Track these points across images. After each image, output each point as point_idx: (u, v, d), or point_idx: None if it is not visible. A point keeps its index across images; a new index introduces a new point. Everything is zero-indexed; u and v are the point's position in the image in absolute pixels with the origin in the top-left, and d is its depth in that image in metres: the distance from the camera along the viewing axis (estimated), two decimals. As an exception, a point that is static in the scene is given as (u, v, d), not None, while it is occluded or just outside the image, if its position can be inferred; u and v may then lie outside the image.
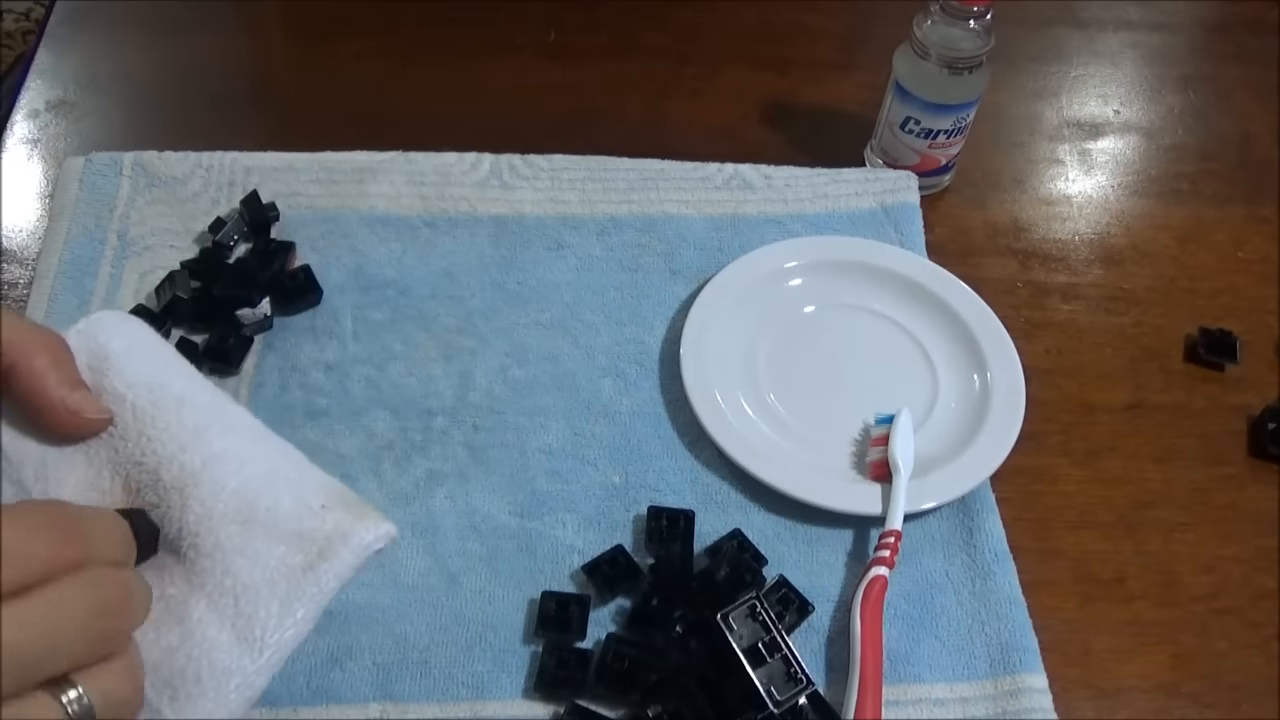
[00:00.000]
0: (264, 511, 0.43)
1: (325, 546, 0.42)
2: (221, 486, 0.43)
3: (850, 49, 0.84)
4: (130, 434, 0.43)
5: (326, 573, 0.42)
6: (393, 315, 0.62)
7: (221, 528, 0.42)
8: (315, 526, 0.43)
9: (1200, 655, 0.53)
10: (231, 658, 0.40)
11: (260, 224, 0.64)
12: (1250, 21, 0.90)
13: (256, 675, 0.41)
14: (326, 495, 0.44)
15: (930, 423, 0.59)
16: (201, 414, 0.44)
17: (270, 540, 0.42)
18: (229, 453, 0.44)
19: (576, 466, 0.56)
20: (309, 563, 0.42)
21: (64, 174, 0.66)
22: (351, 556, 0.43)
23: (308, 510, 0.43)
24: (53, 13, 0.79)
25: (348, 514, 0.44)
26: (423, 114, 0.75)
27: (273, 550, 0.42)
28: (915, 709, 0.49)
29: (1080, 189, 0.75)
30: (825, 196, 0.70)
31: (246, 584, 0.41)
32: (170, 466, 0.43)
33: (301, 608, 0.41)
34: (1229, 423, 0.62)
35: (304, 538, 0.42)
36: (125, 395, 0.44)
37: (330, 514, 0.43)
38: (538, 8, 0.84)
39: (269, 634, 0.41)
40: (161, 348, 0.47)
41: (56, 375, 0.42)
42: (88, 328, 0.45)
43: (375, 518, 0.44)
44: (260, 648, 0.41)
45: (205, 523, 0.42)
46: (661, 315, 0.63)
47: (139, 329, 0.46)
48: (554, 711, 0.48)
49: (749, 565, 0.51)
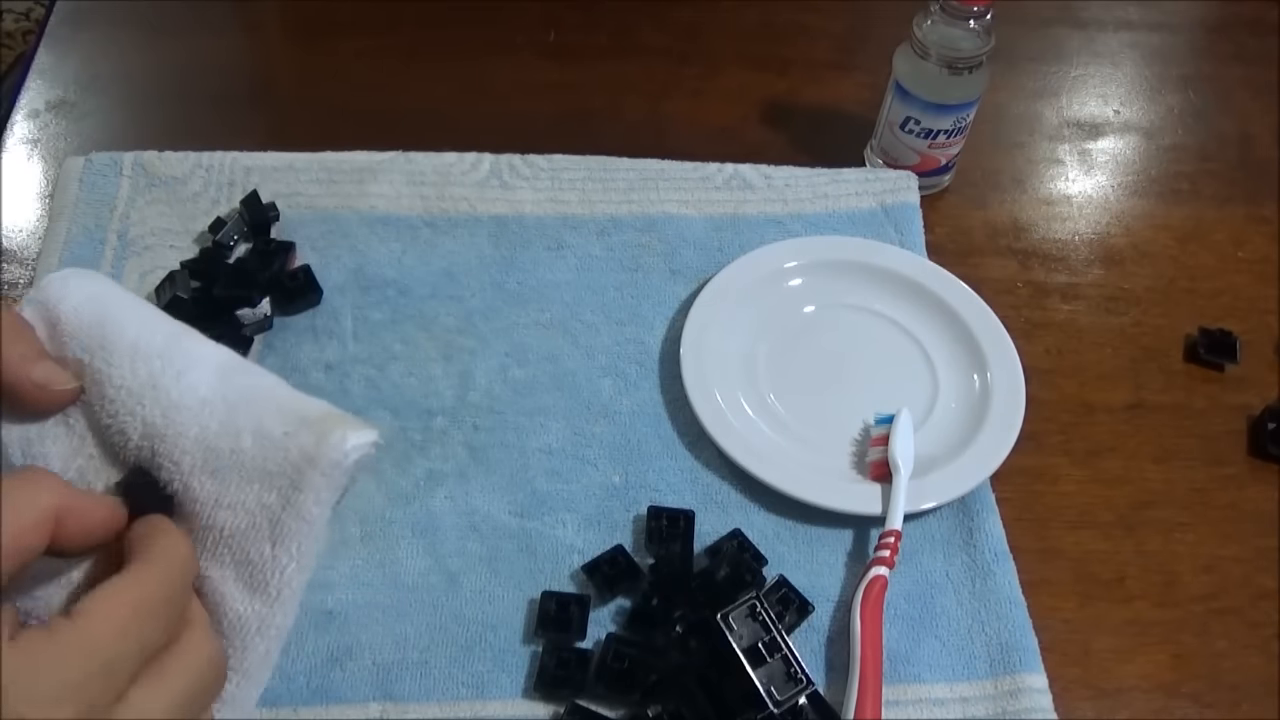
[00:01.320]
0: (229, 455, 0.41)
1: (296, 477, 0.40)
2: (183, 436, 0.41)
3: (850, 49, 0.84)
4: (94, 397, 0.42)
5: (304, 503, 0.40)
6: (393, 315, 0.62)
7: (194, 480, 0.41)
8: (281, 458, 0.41)
9: (1200, 655, 0.53)
10: (243, 605, 0.40)
11: (260, 224, 0.64)
12: (1250, 21, 0.90)
13: (274, 615, 0.40)
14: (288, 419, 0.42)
15: (930, 423, 0.59)
16: (154, 359, 0.42)
17: (242, 484, 0.41)
18: (186, 397, 0.42)
19: (576, 466, 0.56)
20: (284, 498, 0.40)
21: (64, 174, 0.66)
22: (324, 479, 0.41)
23: (271, 442, 0.41)
24: (53, 13, 0.79)
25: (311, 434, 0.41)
26: (423, 114, 0.75)
27: (247, 493, 0.41)
28: (915, 709, 0.49)
29: (1080, 189, 0.75)
30: (825, 196, 0.70)
31: (234, 533, 0.40)
32: (134, 423, 0.41)
33: (294, 543, 0.40)
34: (1229, 423, 0.62)
35: (272, 473, 0.41)
36: (83, 359, 0.42)
37: (293, 440, 0.41)
38: (538, 8, 0.84)
39: (271, 576, 0.40)
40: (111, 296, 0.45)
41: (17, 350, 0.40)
42: (38, 295, 0.43)
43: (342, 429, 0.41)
44: (267, 590, 0.40)
45: (178, 478, 0.41)
46: (661, 315, 0.63)
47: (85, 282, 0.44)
48: (554, 711, 0.48)
49: (749, 565, 0.51)
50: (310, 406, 0.43)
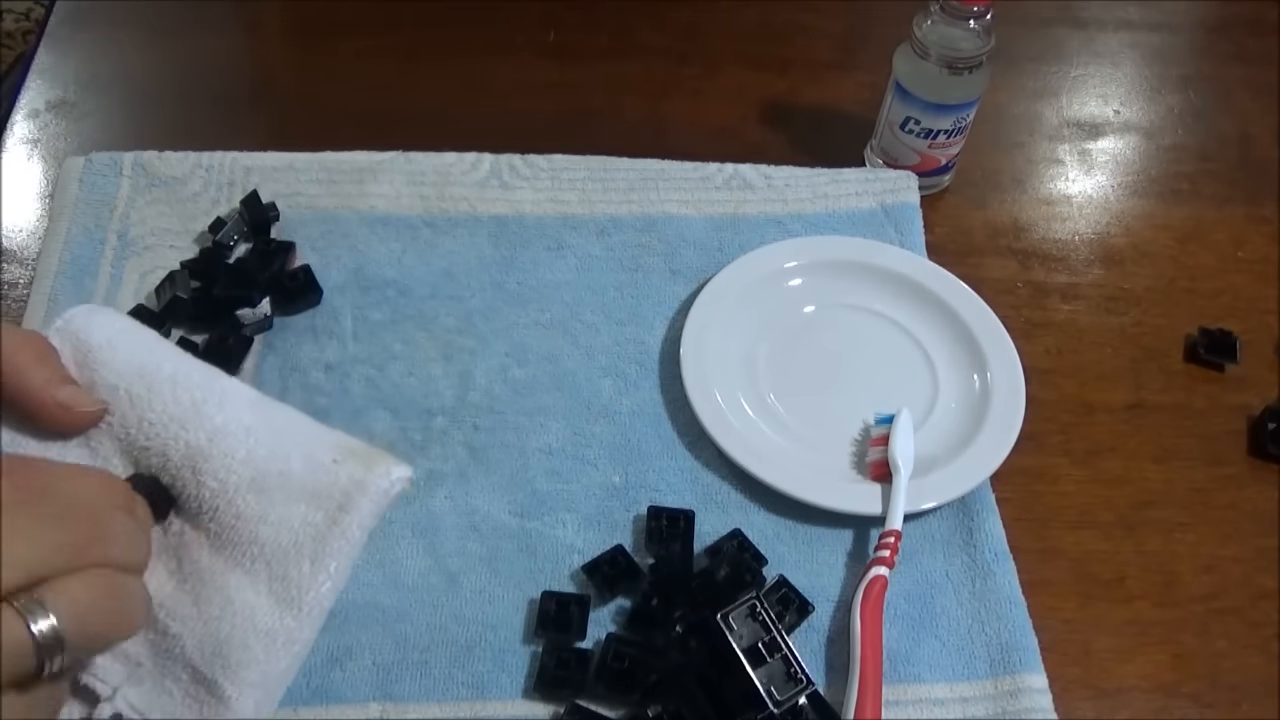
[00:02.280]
0: (277, 475, 0.43)
1: (344, 500, 0.43)
2: (230, 457, 0.43)
3: (850, 49, 0.84)
4: (130, 421, 0.43)
5: (350, 525, 0.42)
6: (393, 315, 0.62)
7: (239, 497, 0.42)
8: (330, 481, 0.43)
9: (1200, 655, 0.53)
10: (274, 619, 0.41)
11: (260, 224, 0.64)
12: (1250, 21, 0.90)
13: (301, 631, 0.41)
14: (335, 449, 0.44)
15: (930, 423, 0.59)
16: (197, 390, 0.44)
17: (289, 502, 0.43)
18: (231, 424, 0.44)
19: (576, 466, 0.56)
20: (331, 518, 0.42)
21: (64, 174, 0.66)
22: (370, 505, 0.43)
23: (320, 467, 0.43)
24: (53, 13, 0.79)
25: (360, 464, 0.44)
26: (423, 114, 0.75)
27: (293, 511, 0.42)
28: (915, 709, 0.49)
29: (1080, 189, 0.75)
30: (825, 196, 0.70)
31: (274, 548, 0.42)
32: (176, 445, 0.43)
33: (333, 561, 0.42)
34: (1229, 423, 0.62)
35: (321, 494, 0.43)
36: (118, 385, 0.44)
37: (342, 467, 0.43)
38: (538, 8, 0.84)
39: (305, 592, 0.42)
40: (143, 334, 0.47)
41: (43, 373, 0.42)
42: (66, 325, 0.45)
43: (387, 463, 0.44)
44: (299, 605, 0.41)
45: (222, 495, 0.42)
46: (661, 315, 0.63)
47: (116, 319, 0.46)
48: (554, 711, 0.48)
49: (749, 565, 0.51)
50: (353, 441, 0.45)
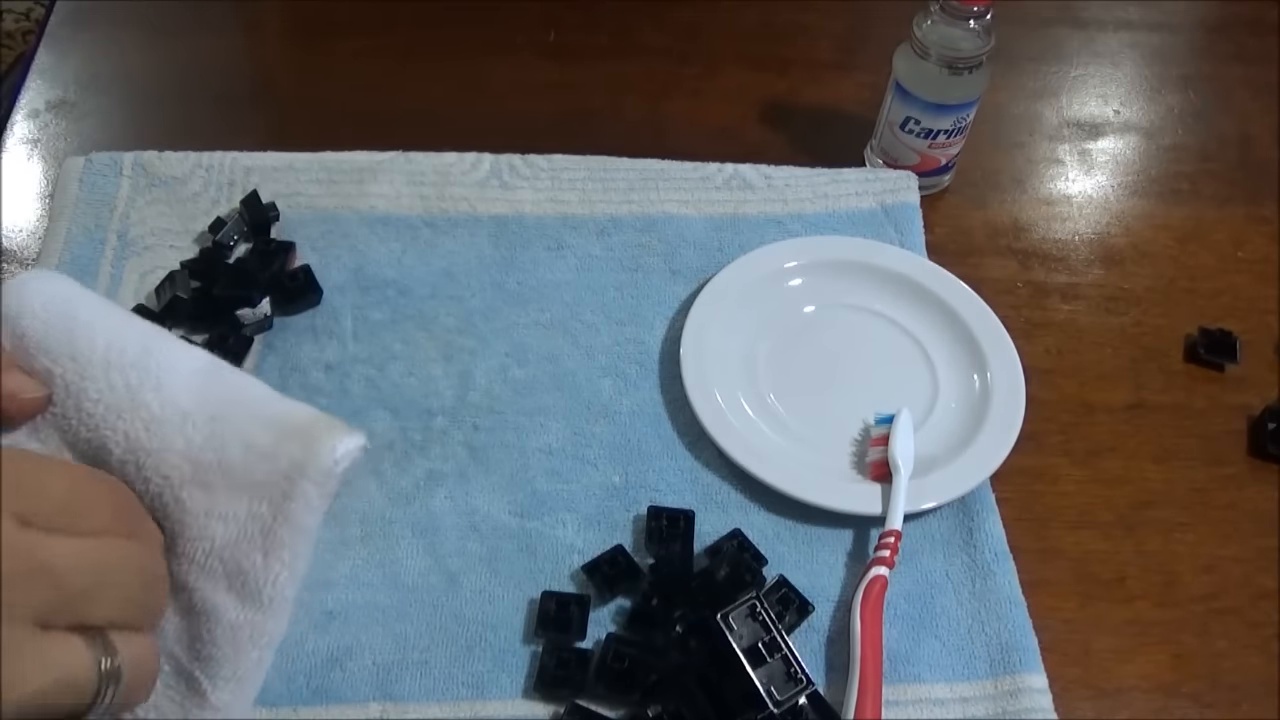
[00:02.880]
0: (216, 467, 0.41)
1: (286, 486, 0.41)
2: (169, 450, 0.41)
3: (850, 49, 0.84)
4: (69, 409, 0.42)
5: (295, 512, 0.41)
6: (393, 315, 0.62)
7: (183, 492, 0.41)
8: (270, 469, 0.41)
9: (1200, 655, 0.53)
10: (237, 613, 0.40)
11: (260, 224, 0.64)
12: (1250, 21, 0.90)
13: (266, 623, 0.41)
14: (275, 428, 0.42)
15: (930, 423, 0.59)
16: (131, 371, 0.42)
17: (232, 495, 0.41)
18: (168, 409, 0.42)
19: (576, 466, 0.56)
20: (275, 508, 0.41)
21: (64, 174, 0.66)
22: (315, 487, 0.41)
23: (258, 454, 0.41)
24: (53, 13, 0.79)
25: (298, 446, 0.42)
26: (423, 114, 0.75)
27: (237, 504, 0.41)
28: (915, 709, 0.49)
29: (1080, 189, 0.75)
30: (825, 196, 0.70)
31: (225, 542, 0.41)
32: (115, 436, 0.41)
33: (285, 551, 0.41)
34: (1229, 423, 0.62)
35: (262, 483, 0.41)
36: (52, 370, 0.42)
37: (282, 449, 0.42)
38: (537, 8, 0.84)
39: (263, 586, 0.41)
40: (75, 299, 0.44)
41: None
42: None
43: (328, 438, 0.42)
44: (258, 599, 0.41)
45: (168, 490, 0.41)
46: (661, 315, 0.63)
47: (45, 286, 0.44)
48: (554, 711, 0.48)
49: (749, 565, 0.51)
50: (295, 413, 0.43)
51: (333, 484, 0.42)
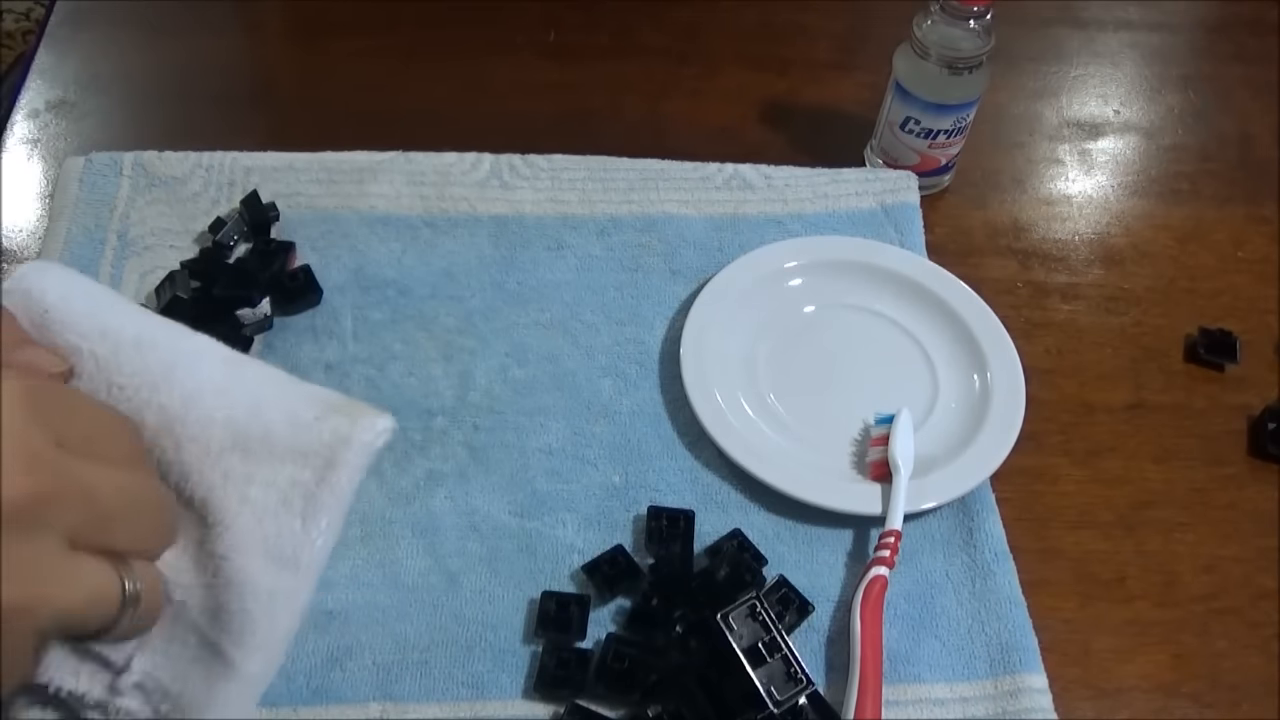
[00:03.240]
0: (260, 436, 0.42)
1: (330, 455, 0.42)
2: (210, 420, 0.42)
3: (850, 49, 0.84)
4: (98, 384, 0.42)
5: (339, 480, 0.42)
6: (393, 315, 0.62)
7: (223, 460, 0.42)
8: (314, 438, 0.42)
9: (1200, 655, 0.53)
10: (271, 579, 0.41)
11: (260, 224, 0.64)
12: (1250, 21, 0.90)
13: (299, 589, 0.41)
14: (316, 405, 0.44)
15: (930, 423, 0.59)
16: (165, 351, 0.43)
17: (274, 462, 0.42)
18: (206, 385, 0.43)
19: (576, 466, 0.56)
20: (319, 475, 0.42)
21: (64, 174, 0.66)
22: (357, 459, 0.43)
23: (302, 425, 0.43)
24: (53, 13, 0.79)
25: (343, 419, 0.43)
26: (423, 114, 0.75)
27: (279, 471, 0.42)
28: (915, 709, 0.49)
29: (1080, 189, 0.75)
30: (825, 196, 0.70)
31: (264, 508, 0.41)
32: (150, 409, 0.42)
33: (324, 518, 0.42)
34: (1229, 423, 0.62)
35: (307, 452, 0.42)
36: (80, 345, 0.42)
37: (325, 423, 0.43)
38: (538, 8, 0.84)
39: (301, 550, 0.41)
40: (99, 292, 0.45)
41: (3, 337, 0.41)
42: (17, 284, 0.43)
43: (370, 415, 0.44)
44: (294, 565, 0.41)
45: (205, 459, 0.42)
46: (661, 315, 0.63)
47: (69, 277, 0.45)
48: (554, 711, 0.48)
49: (749, 565, 0.51)
50: (331, 394, 0.45)
51: (370, 458, 0.43)
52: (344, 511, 0.43)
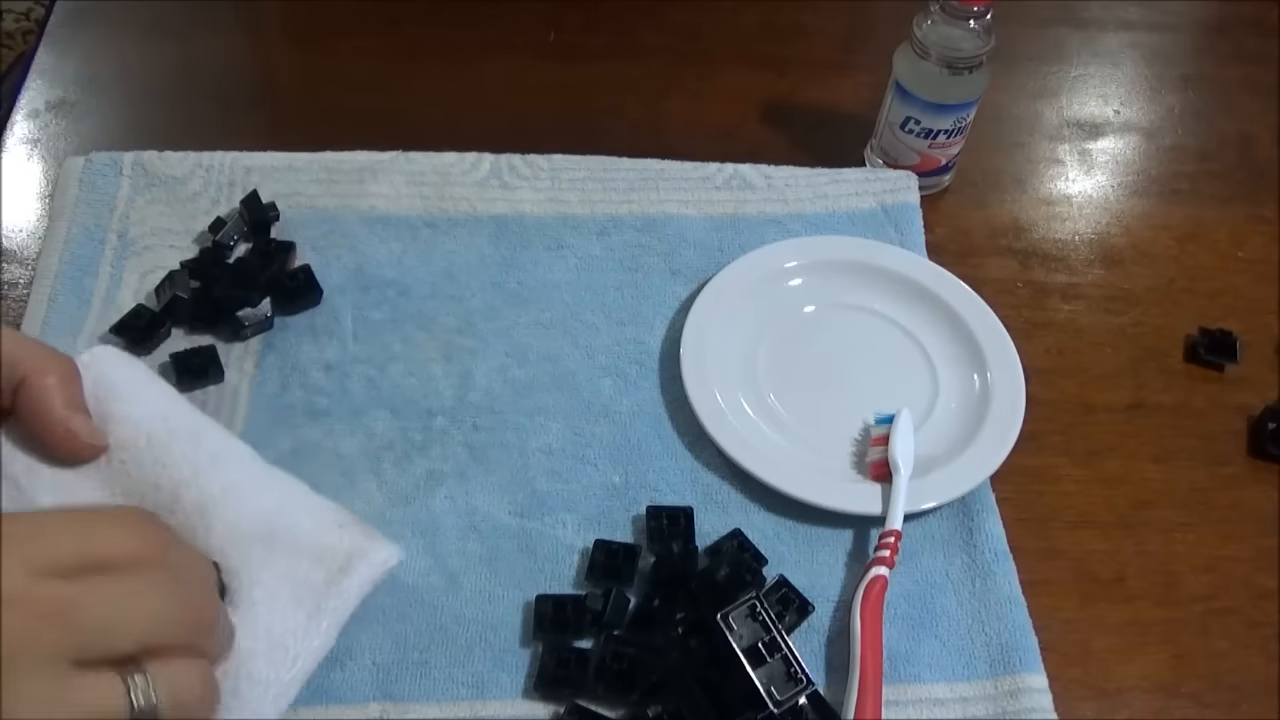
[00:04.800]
0: (285, 531, 0.45)
1: (345, 563, 0.45)
2: (242, 508, 0.45)
3: (850, 49, 0.84)
4: (145, 460, 0.45)
5: (348, 587, 0.45)
6: (393, 315, 0.62)
7: (247, 546, 0.44)
8: (335, 543, 0.46)
9: (1200, 655, 0.53)
10: (266, 668, 0.42)
11: (260, 224, 0.64)
12: (1250, 21, 0.90)
13: (290, 685, 0.43)
14: (340, 515, 0.47)
15: (930, 423, 0.59)
16: (213, 444, 0.47)
17: (293, 557, 0.45)
18: (245, 480, 0.46)
19: (576, 466, 0.56)
20: (331, 577, 0.45)
21: (64, 174, 0.66)
22: (369, 571, 0.46)
23: (326, 529, 0.46)
24: (53, 13, 0.79)
25: (362, 533, 0.47)
26: (423, 114, 0.75)
27: (297, 566, 0.45)
28: (915, 709, 0.49)
29: (1080, 189, 0.75)
30: (825, 196, 0.70)
31: (274, 597, 0.44)
32: (190, 490, 0.45)
33: (325, 620, 0.44)
34: (1229, 423, 0.62)
35: (325, 554, 0.45)
36: (139, 422, 0.46)
37: (348, 532, 0.46)
38: (538, 8, 0.84)
39: (299, 644, 0.43)
40: (162, 385, 0.49)
41: (63, 396, 0.44)
42: (94, 359, 0.47)
43: (384, 539, 0.47)
44: (291, 658, 0.43)
45: (231, 543, 0.44)
46: (661, 315, 0.63)
47: (138, 365, 0.49)
48: (554, 711, 0.48)
49: (749, 565, 0.51)
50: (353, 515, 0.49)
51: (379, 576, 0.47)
52: (343, 619, 0.45)
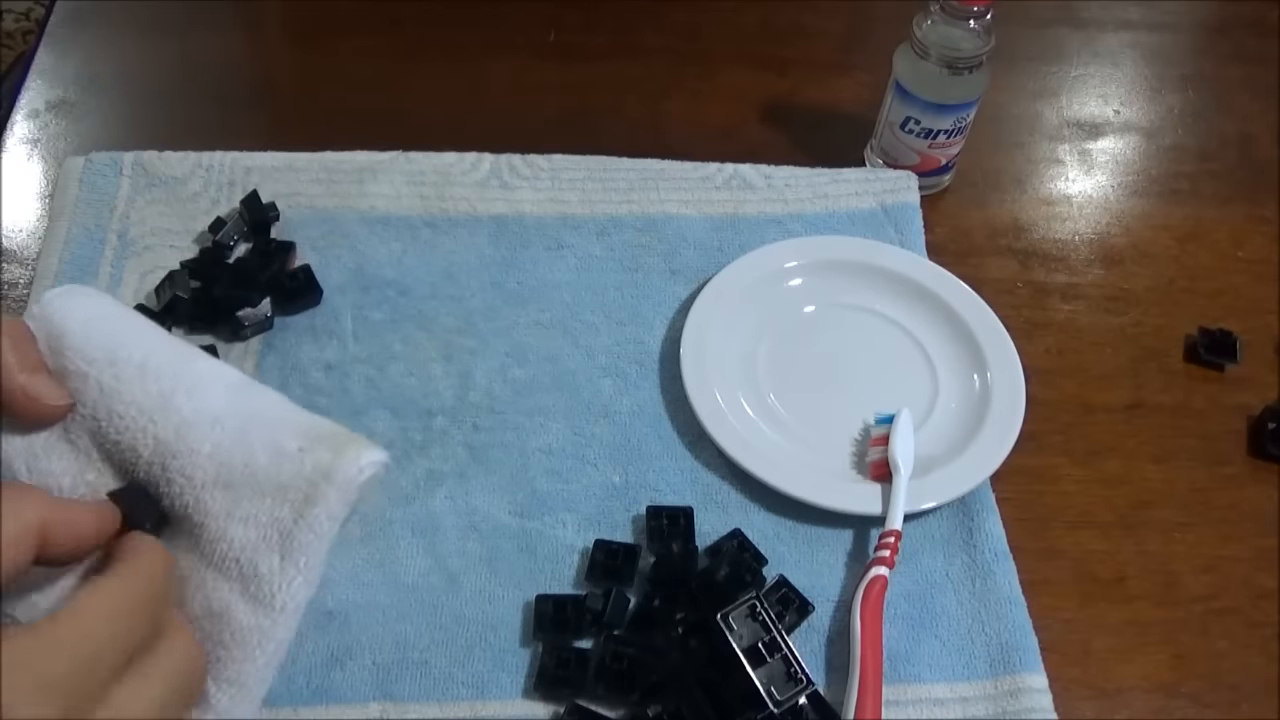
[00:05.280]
0: (242, 468, 0.42)
1: (309, 491, 0.41)
2: (197, 452, 0.42)
3: (850, 49, 0.84)
4: (100, 411, 0.42)
5: (318, 517, 0.41)
6: (393, 315, 0.62)
7: (206, 494, 0.41)
8: (295, 471, 0.42)
9: (1200, 655, 0.53)
10: (248, 617, 0.40)
11: (260, 224, 0.64)
12: (1250, 21, 0.90)
13: (276, 629, 0.41)
14: (303, 436, 0.43)
15: (930, 423, 0.59)
16: (166, 379, 0.43)
17: (255, 497, 0.41)
18: (200, 414, 0.42)
19: (576, 466, 0.56)
20: (297, 511, 0.41)
21: (64, 174, 0.66)
22: (338, 493, 0.42)
23: (285, 456, 0.42)
24: (53, 13, 0.79)
25: (327, 451, 0.42)
26: (423, 114, 0.75)
27: (259, 506, 0.41)
28: (915, 709, 0.49)
29: (1080, 189, 0.75)
30: (825, 196, 0.70)
31: (244, 545, 0.41)
32: (145, 439, 0.42)
33: (303, 557, 0.41)
34: (1229, 423, 0.62)
35: (287, 486, 0.41)
36: (88, 372, 0.43)
37: (309, 455, 0.42)
38: (538, 8, 0.84)
39: (278, 590, 0.41)
40: (120, 314, 0.46)
41: (17, 359, 0.41)
42: (42, 309, 0.44)
43: (356, 447, 0.42)
44: (272, 604, 0.41)
45: (190, 492, 0.41)
46: (661, 315, 0.63)
47: (94, 299, 0.45)
48: (554, 711, 0.48)
49: (749, 565, 0.51)
50: (322, 425, 0.44)
51: (354, 493, 0.42)
52: (324, 549, 0.42)
